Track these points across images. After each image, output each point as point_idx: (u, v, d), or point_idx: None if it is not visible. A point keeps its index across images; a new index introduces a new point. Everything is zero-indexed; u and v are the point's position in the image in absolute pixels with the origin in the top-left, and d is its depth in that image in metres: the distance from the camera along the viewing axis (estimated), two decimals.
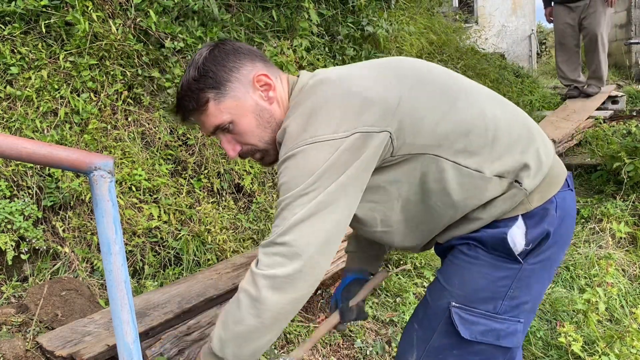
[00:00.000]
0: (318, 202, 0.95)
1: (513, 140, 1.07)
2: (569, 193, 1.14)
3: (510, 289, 1.08)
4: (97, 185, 0.81)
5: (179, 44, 2.73)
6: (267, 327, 1.00)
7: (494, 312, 1.08)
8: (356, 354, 2.20)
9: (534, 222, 1.07)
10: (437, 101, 1.06)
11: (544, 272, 1.12)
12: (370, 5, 3.87)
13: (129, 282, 0.86)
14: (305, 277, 0.97)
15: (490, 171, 1.05)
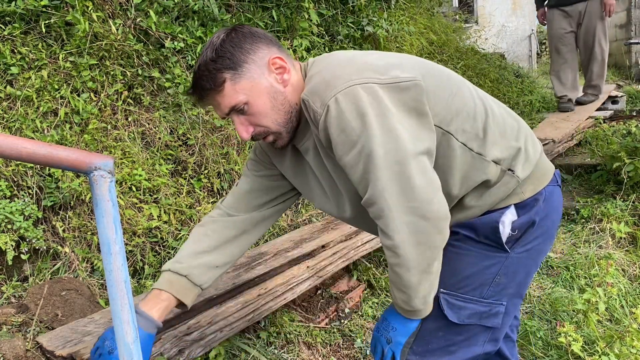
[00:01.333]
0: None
1: (507, 130, 1.16)
2: (557, 188, 1.22)
3: (497, 276, 1.15)
4: (97, 185, 0.82)
5: (179, 44, 2.73)
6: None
7: (480, 297, 1.16)
8: (356, 354, 2.20)
9: (524, 211, 1.14)
10: (445, 83, 1.13)
11: (529, 260, 1.19)
12: (370, 5, 3.87)
13: (129, 282, 0.86)
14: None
15: (490, 156, 1.12)
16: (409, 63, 1.10)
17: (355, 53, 1.15)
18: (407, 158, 0.98)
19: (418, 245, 1.01)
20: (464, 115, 1.11)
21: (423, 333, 1.19)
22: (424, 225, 0.99)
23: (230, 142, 2.80)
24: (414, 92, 1.03)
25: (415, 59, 1.15)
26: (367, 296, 2.60)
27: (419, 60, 1.16)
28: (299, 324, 2.27)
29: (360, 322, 2.39)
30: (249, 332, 2.14)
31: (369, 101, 0.98)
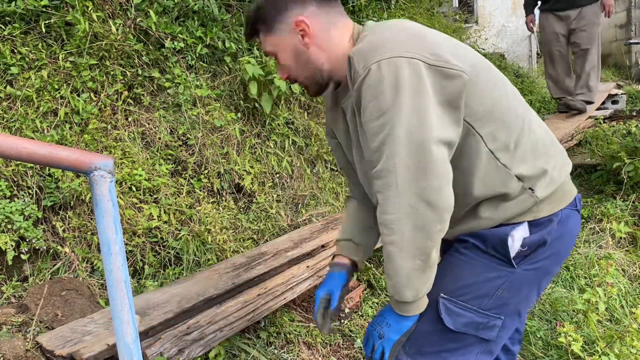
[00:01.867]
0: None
1: (539, 149, 1.15)
2: (574, 213, 1.20)
3: (499, 289, 1.14)
4: (97, 185, 0.82)
5: (179, 44, 2.73)
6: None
7: (479, 307, 1.14)
8: (356, 354, 2.20)
9: (537, 229, 1.13)
10: (492, 87, 1.11)
11: (535, 280, 1.17)
12: (370, 5, 3.87)
13: (129, 282, 0.86)
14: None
15: (515, 170, 1.11)
16: (465, 54, 1.09)
17: (415, 26, 1.14)
18: (429, 142, 0.98)
19: (415, 229, 1.00)
20: (500, 122, 1.09)
21: (417, 335, 1.18)
22: (427, 211, 0.99)
23: (230, 142, 2.80)
24: (456, 83, 1.02)
25: (474, 53, 1.14)
26: (367, 296, 2.60)
27: (477, 56, 1.14)
28: (299, 324, 2.27)
29: (360, 322, 2.39)
30: (249, 332, 2.14)
31: (410, 76, 0.99)
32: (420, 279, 1.07)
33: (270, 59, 2.88)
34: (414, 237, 1.01)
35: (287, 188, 2.95)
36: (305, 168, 3.07)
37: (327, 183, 3.13)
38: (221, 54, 3.01)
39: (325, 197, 3.04)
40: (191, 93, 2.71)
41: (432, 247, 1.03)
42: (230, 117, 2.81)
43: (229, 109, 2.93)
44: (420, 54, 1.01)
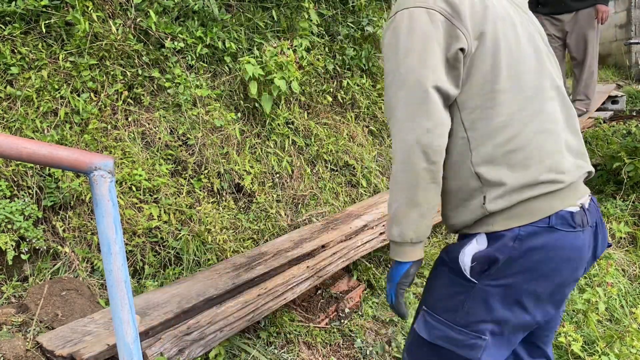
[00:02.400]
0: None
1: (521, 155, 1.07)
2: (547, 230, 1.07)
3: (464, 304, 1.12)
4: (97, 185, 0.82)
5: (179, 44, 2.73)
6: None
7: (452, 322, 1.14)
8: (356, 353, 2.20)
9: (489, 245, 1.10)
10: (503, 72, 1.07)
11: (508, 298, 1.09)
12: (370, 5, 3.87)
13: (129, 282, 0.86)
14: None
15: (477, 168, 1.09)
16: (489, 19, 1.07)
17: None
18: (427, 83, 1.02)
19: (403, 164, 1.06)
20: (486, 107, 1.07)
21: (410, 342, 1.24)
22: (415, 148, 1.03)
23: (230, 142, 2.80)
24: (460, 44, 1.04)
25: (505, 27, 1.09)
26: (367, 296, 2.60)
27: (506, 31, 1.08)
28: (299, 324, 2.27)
29: (360, 322, 2.39)
30: (249, 332, 2.14)
31: (421, 26, 1.04)
32: (406, 218, 1.09)
33: (271, 59, 2.88)
34: (402, 172, 1.07)
35: (287, 188, 2.95)
36: (305, 168, 3.07)
37: (327, 183, 3.13)
38: (221, 54, 3.01)
39: (325, 197, 3.04)
40: (191, 93, 2.71)
41: (417, 186, 1.06)
42: (230, 117, 2.81)
43: (229, 109, 2.93)
44: (439, 6, 1.05)
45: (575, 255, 1.08)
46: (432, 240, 3.23)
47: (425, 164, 1.04)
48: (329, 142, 3.25)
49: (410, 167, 1.05)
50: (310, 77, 3.36)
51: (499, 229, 1.08)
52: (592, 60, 4.60)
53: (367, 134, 3.68)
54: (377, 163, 3.54)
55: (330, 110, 3.52)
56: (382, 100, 3.88)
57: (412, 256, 1.14)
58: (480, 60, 1.06)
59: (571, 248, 1.07)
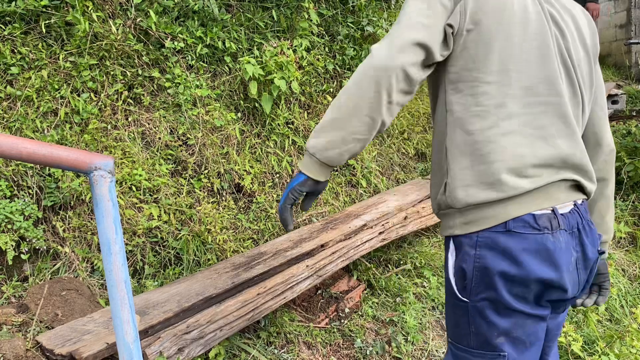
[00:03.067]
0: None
1: (483, 149, 1.06)
2: (502, 234, 1.05)
3: (470, 326, 1.11)
4: (97, 185, 0.82)
5: (179, 44, 2.73)
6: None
7: (469, 347, 1.12)
8: (356, 353, 2.20)
9: (458, 252, 1.10)
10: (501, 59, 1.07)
11: (499, 309, 1.07)
12: (370, 5, 3.87)
13: (129, 282, 0.86)
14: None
15: (447, 152, 1.10)
16: (496, 10, 1.06)
17: None
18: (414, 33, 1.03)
19: (354, 83, 1.05)
20: (467, 94, 1.07)
21: None
22: (372, 71, 1.02)
23: (230, 142, 2.80)
24: (451, 18, 1.05)
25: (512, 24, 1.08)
26: (367, 296, 2.60)
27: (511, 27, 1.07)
28: (299, 324, 2.28)
29: (360, 322, 2.39)
30: (249, 331, 2.14)
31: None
32: (325, 134, 1.08)
33: (271, 59, 2.88)
34: (348, 90, 1.05)
35: None
36: None
37: None
38: (221, 54, 3.01)
39: (325, 197, 3.05)
40: (191, 93, 2.71)
41: (354, 110, 1.04)
42: (230, 117, 2.81)
43: (229, 109, 2.93)
44: None
45: (545, 255, 1.04)
46: (432, 241, 3.23)
47: (372, 95, 1.02)
48: None
49: (358, 91, 1.04)
50: (310, 77, 3.36)
51: (459, 233, 1.09)
52: None
53: None
54: (377, 163, 3.54)
55: None
56: None
57: (314, 174, 1.11)
58: (473, 45, 1.06)
59: (537, 250, 1.03)
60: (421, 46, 1.02)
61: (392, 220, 2.62)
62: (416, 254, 2.96)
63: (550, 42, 1.10)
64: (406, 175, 3.67)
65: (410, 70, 1.02)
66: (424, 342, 2.27)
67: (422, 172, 3.80)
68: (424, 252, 3.00)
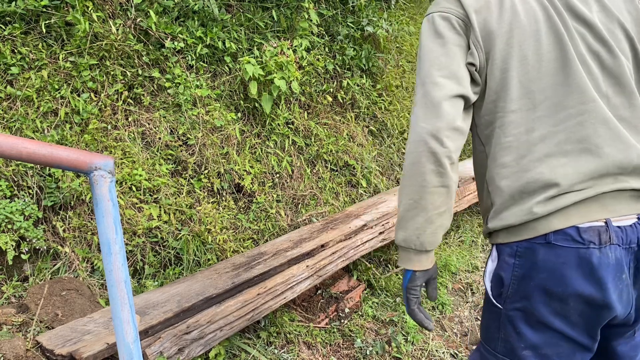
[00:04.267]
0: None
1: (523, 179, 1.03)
2: (542, 246, 1.01)
3: (499, 331, 1.10)
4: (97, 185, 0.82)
5: (179, 44, 2.73)
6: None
7: (495, 351, 1.12)
8: (356, 353, 2.20)
9: (498, 259, 1.08)
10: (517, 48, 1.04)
11: (531, 321, 1.04)
12: (370, 5, 3.87)
13: (129, 282, 0.86)
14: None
15: (488, 184, 1.09)
16: (503, 30, 1.03)
17: None
18: (443, 90, 1.03)
19: (411, 164, 1.05)
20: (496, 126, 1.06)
21: None
22: (424, 148, 1.02)
23: (230, 142, 2.80)
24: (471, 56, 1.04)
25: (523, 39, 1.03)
26: (367, 296, 2.60)
27: (523, 43, 1.03)
28: (299, 324, 2.28)
29: (360, 322, 2.39)
30: (249, 331, 2.14)
31: (442, 31, 1.06)
32: (410, 222, 1.06)
33: (271, 59, 2.88)
34: (410, 172, 1.04)
35: (287, 188, 2.95)
36: (305, 168, 3.07)
37: (327, 183, 3.13)
38: (221, 54, 3.01)
39: (325, 197, 3.05)
40: (191, 93, 2.71)
41: (424, 188, 1.03)
42: (230, 117, 2.81)
43: (229, 109, 2.94)
44: (450, 9, 1.07)
45: (587, 271, 0.97)
46: None
47: (433, 166, 1.01)
48: (329, 142, 3.26)
49: (418, 168, 1.02)
50: (310, 77, 3.36)
51: (501, 242, 1.07)
52: None
53: (367, 134, 3.68)
54: (377, 163, 3.54)
55: (330, 110, 3.52)
56: (382, 100, 3.88)
57: (417, 265, 1.10)
58: (490, 77, 1.04)
59: (579, 264, 0.98)
60: (455, 98, 1.02)
61: (392, 221, 2.62)
62: None
63: (568, 46, 1.02)
64: None
65: (457, 124, 1.01)
66: (424, 342, 2.27)
67: None
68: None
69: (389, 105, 3.89)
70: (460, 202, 3.15)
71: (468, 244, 3.26)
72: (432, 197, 1.03)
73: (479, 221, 3.57)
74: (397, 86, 4.10)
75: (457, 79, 1.02)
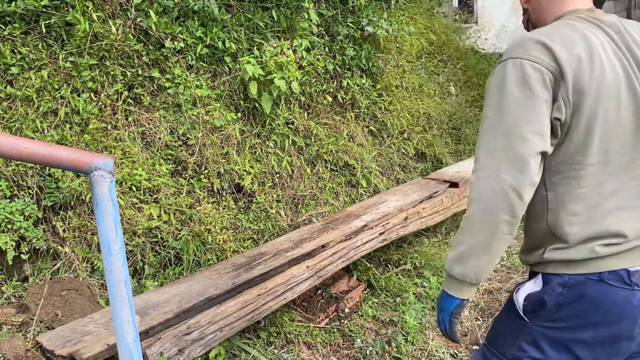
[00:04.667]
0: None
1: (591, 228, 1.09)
2: (594, 282, 1.10)
3: (516, 339, 1.18)
4: (97, 185, 0.82)
5: (179, 44, 2.73)
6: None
7: (503, 355, 1.21)
8: (356, 353, 2.20)
9: (544, 285, 1.15)
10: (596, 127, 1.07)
11: (557, 343, 1.13)
12: (370, 5, 3.87)
13: (129, 282, 0.86)
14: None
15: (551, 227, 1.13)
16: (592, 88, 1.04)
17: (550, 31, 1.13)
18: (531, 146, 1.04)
19: (485, 211, 1.07)
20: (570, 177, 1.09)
21: None
22: (502, 198, 1.05)
23: (230, 142, 2.80)
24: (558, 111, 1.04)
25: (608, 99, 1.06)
26: (367, 296, 2.60)
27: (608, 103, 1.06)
28: (299, 324, 2.28)
29: (360, 322, 2.39)
30: (249, 332, 2.14)
31: (531, 82, 1.05)
32: (473, 261, 1.12)
33: (271, 59, 2.88)
34: (482, 218, 1.08)
35: (287, 188, 2.95)
36: (305, 168, 3.07)
37: (327, 183, 3.13)
38: (221, 54, 3.01)
39: (325, 197, 3.05)
40: (191, 93, 2.71)
41: (494, 235, 1.07)
42: (230, 117, 2.81)
43: (229, 109, 2.93)
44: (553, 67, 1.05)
45: (629, 312, 1.08)
46: (432, 241, 3.23)
47: (508, 217, 1.06)
48: (329, 142, 3.26)
49: (492, 216, 1.06)
50: (310, 77, 3.36)
51: (551, 272, 1.14)
52: None
53: (367, 134, 3.68)
54: (377, 163, 3.54)
55: (330, 110, 3.52)
56: (382, 100, 3.88)
57: (467, 295, 1.18)
58: (574, 131, 1.06)
59: (623, 305, 1.08)
60: (539, 154, 1.04)
61: (393, 221, 2.62)
62: (416, 254, 2.96)
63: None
64: (406, 175, 3.67)
65: (535, 180, 1.05)
66: (424, 342, 2.27)
67: (422, 172, 3.80)
68: (424, 252, 3.00)
69: (389, 105, 3.89)
70: (461, 202, 3.15)
71: None
72: (499, 243, 1.09)
73: None
74: (397, 86, 4.10)
75: (542, 136, 1.04)
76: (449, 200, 3.03)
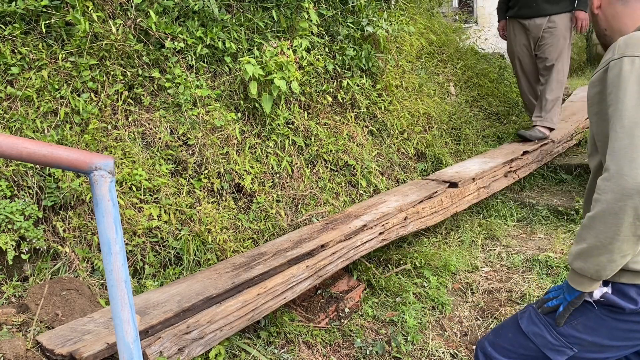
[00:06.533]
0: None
1: None
2: None
3: (575, 318, 1.26)
4: (97, 185, 0.82)
5: (179, 44, 2.73)
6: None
7: (553, 327, 1.29)
8: (356, 353, 2.20)
9: (619, 294, 1.21)
10: None
11: (618, 335, 1.22)
12: (370, 5, 3.87)
13: (129, 282, 0.86)
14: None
15: None
16: None
17: None
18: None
19: (611, 213, 1.08)
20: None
21: (503, 325, 1.39)
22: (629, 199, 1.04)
23: (230, 142, 2.80)
24: None
25: None
26: (367, 296, 2.61)
27: None
28: (299, 324, 2.28)
29: (360, 322, 2.39)
30: (249, 331, 2.14)
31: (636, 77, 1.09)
32: (593, 259, 1.14)
33: (271, 59, 2.88)
34: (607, 218, 1.08)
35: (287, 188, 2.95)
36: (305, 168, 3.08)
37: (327, 183, 3.13)
38: (221, 54, 3.01)
39: (325, 197, 3.05)
40: (191, 93, 2.71)
41: (617, 236, 1.08)
42: (230, 117, 2.81)
43: (229, 109, 2.94)
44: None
45: None
46: (432, 241, 3.23)
47: (632, 219, 1.06)
48: (329, 142, 3.26)
49: (616, 219, 1.07)
50: (310, 77, 3.36)
51: (625, 282, 1.18)
52: (562, 73, 4.03)
53: (367, 134, 3.69)
54: (377, 163, 3.55)
55: (330, 110, 3.52)
56: (382, 100, 3.88)
57: (588, 288, 1.21)
58: None
59: None
60: None
61: (392, 221, 2.62)
62: (416, 254, 2.96)
63: None
64: (406, 175, 3.67)
65: None
66: (424, 342, 2.27)
67: (422, 172, 3.80)
68: (424, 252, 3.00)
69: (388, 105, 3.89)
70: (460, 202, 3.15)
71: (468, 244, 3.27)
72: (621, 244, 1.10)
73: (479, 221, 3.57)
74: (397, 86, 4.10)
75: None
76: (448, 200, 3.03)
